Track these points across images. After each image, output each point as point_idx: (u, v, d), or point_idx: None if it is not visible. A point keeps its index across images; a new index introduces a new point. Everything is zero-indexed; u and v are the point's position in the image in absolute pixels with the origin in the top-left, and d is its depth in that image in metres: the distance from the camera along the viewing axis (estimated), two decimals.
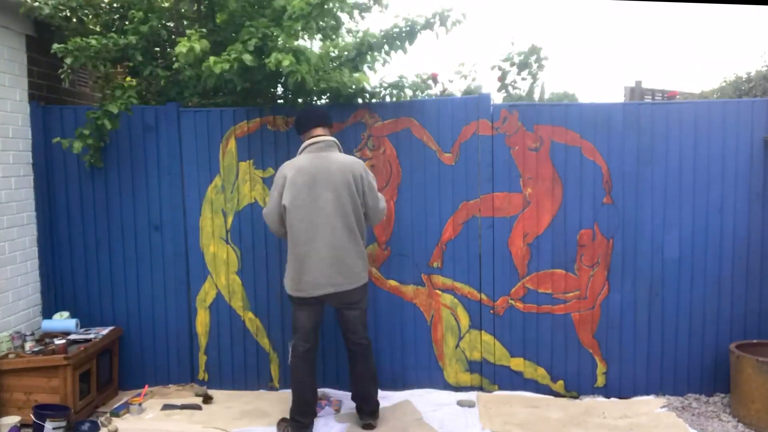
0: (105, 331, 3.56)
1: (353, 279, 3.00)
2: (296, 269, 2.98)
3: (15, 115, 3.48)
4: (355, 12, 3.46)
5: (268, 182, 3.63)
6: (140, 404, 3.41)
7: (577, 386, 3.61)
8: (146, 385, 3.64)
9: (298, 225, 2.95)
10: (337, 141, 3.12)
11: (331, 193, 2.93)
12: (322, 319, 3.17)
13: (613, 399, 3.57)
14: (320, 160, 2.98)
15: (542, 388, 3.62)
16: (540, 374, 3.62)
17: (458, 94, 3.88)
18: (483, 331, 3.62)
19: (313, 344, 3.12)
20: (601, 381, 3.61)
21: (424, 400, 3.51)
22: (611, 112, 3.52)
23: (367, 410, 3.19)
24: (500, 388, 3.63)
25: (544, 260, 3.57)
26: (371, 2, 3.46)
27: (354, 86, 3.37)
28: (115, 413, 3.35)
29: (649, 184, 3.52)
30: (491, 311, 3.61)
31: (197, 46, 3.07)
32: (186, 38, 3.12)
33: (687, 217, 3.52)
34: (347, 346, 3.18)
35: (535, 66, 3.81)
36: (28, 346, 3.30)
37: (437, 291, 3.62)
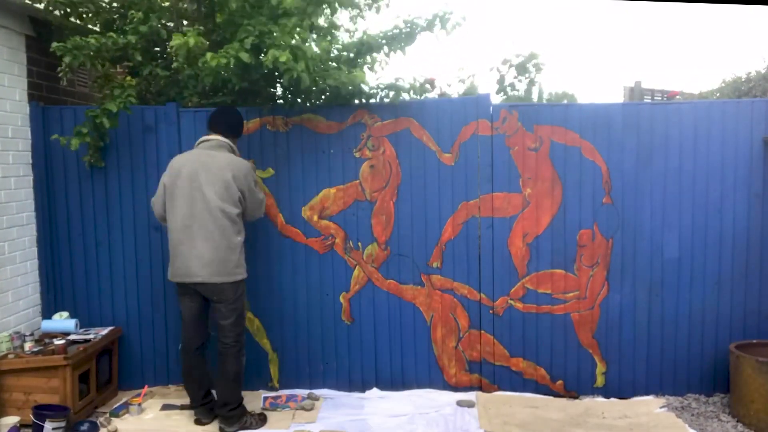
0: (104, 331, 3.56)
1: (224, 273, 3.01)
2: (172, 255, 3.09)
3: (14, 115, 3.48)
4: (353, 11, 3.45)
5: (267, 182, 3.63)
6: (140, 404, 3.41)
7: (577, 386, 3.61)
8: (146, 386, 3.64)
9: (175, 212, 3.04)
10: (232, 145, 3.19)
11: (210, 186, 3.00)
12: (204, 312, 3.15)
13: (612, 399, 3.57)
14: (206, 156, 3.07)
15: (542, 388, 3.62)
16: (539, 374, 3.63)
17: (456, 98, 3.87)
18: (482, 331, 3.62)
19: (193, 335, 3.14)
20: (600, 381, 3.61)
21: (424, 400, 3.51)
22: (611, 112, 3.52)
23: (220, 414, 3.15)
24: (500, 389, 3.63)
25: (543, 260, 3.57)
26: (368, 3, 3.45)
27: (352, 85, 3.36)
28: (115, 413, 3.35)
29: (649, 184, 3.52)
30: (491, 311, 3.61)
31: (191, 40, 3.06)
32: (181, 34, 3.12)
33: (686, 218, 3.52)
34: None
35: (533, 70, 3.81)
36: (27, 346, 3.30)
37: (437, 291, 3.62)
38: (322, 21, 3.64)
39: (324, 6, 3.23)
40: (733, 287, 3.54)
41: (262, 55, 3.13)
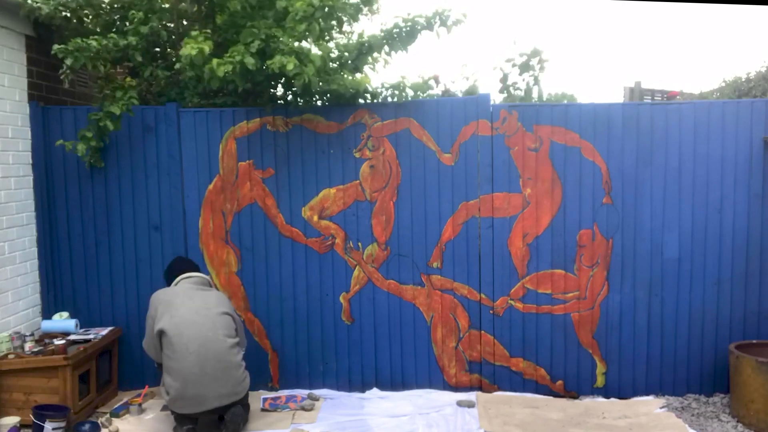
0: (104, 331, 3.56)
1: (241, 391, 3.04)
2: (177, 390, 2.91)
3: (14, 116, 3.48)
4: (353, 12, 3.45)
5: (267, 183, 3.63)
6: (140, 405, 3.41)
7: (577, 386, 3.61)
8: (146, 386, 3.64)
9: (178, 342, 2.94)
10: (210, 279, 3.34)
11: (213, 310, 3.04)
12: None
13: (612, 399, 3.57)
14: (196, 290, 3.14)
15: (542, 388, 3.62)
16: (539, 374, 3.63)
17: (460, 95, 3.88)
18: (483, 332, 3.62)
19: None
20: (600, 381, 3.61)
21: (424, 401, 3.51)
22: (611, 112, 3.52)
23: None
24: (500, 389, 3.63)
25: (543, 260, 3.57)
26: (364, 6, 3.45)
27: (355, 90, 3.37)
28: (115, 414, 3.35)
29: (649, 184, 3.52)
30: (491, 311, 3.61)
31: (206, 48, 3.07)
32: (192, 39, 3.11)
33: (686, 218, 3.52)
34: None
35: (537, 68, 3.81)
36: (27, 346, 3.30)
37: (437, 291, 3.62)
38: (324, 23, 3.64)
39: (331, 16, 3.22)
40: (732, 287, 3.54)
41: (267, 58, 3.13)
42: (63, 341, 3.25)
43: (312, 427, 3.20)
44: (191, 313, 3.00)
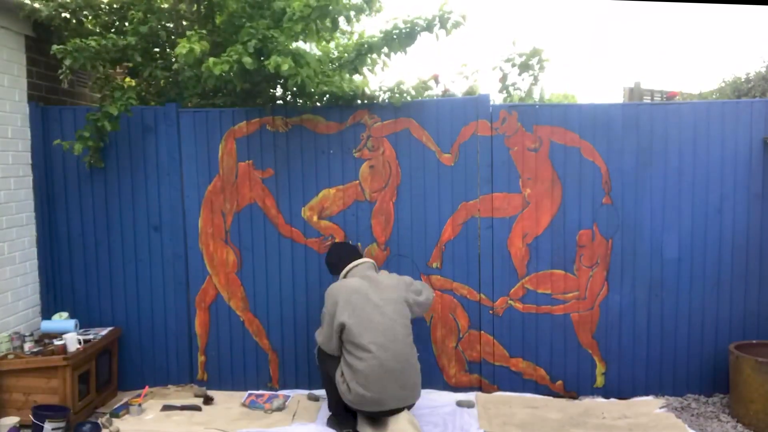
0: (104, 331, 3.56)
1: (417, 394, 3.06)
2: (358, 384, 2.91)
3: (14, 116, 3.48)
4: (351, 13, 3.45)
5: (267, 183, 3.63)
6: (140, 405, 3.41)
7: (577, 387, 3.61)
8: (146, 386, 3.64)
9: (359, 341, 2.92)
10: (374, 263, 3.24)
11: (390, 305, 3.02)
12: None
13: (612, 399, 3.57)
14: (368, 279, 3.08)
15: (541, 388, 3.62)
16: (539, 374, 3.63)
17: (460, 95, 3.88)
18: (482, 332, 3.62)
19: None
20: (600, 381, 3.61)
21: (424, 401, 3.51)
22: (610, 112, 3.52)
23: None
24: (499, 389, 3.63)
25: (543, 261, 3.57)
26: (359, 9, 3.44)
27: (353, 92, 3.37)
28: (115, 414, 3.35)
29: (648, 184, 3.52)
30: (490, 312, 3.61)
31: (197, 48, 3.07)
32: (186, 39, 3.11)
33: (686, 218, 3.52)
34: None
35: (537, 67, 3.81)
36: (27, 346, 3.30)
37: (436, 291, 3.62)
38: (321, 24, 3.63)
39: (328, 16, 3.22)
40: (732, 287, 3.54)
41: (264, 58, 3.13)
42: (62, 341, 3.25)
43: (311, 426, 3.20)
44: (370, 310, 2.97)
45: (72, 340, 3.27)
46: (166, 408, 3.43)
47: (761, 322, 3.54)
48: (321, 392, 3.63)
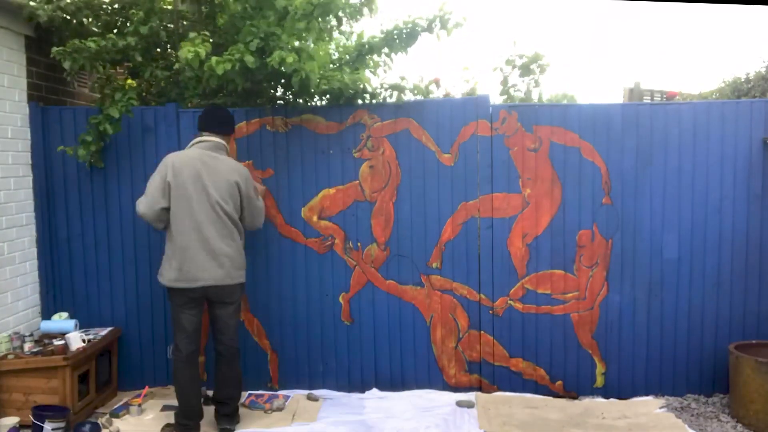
0: (104, 331, 3.56)
1: (233, 275, 3.02)
2: (178, 260, 2.96)
3: (14, 116, 3.48)
4: (352, 13, 3.45)
5: (267, 183, 3.63)
6: (140, 405, 3.41)
7: (576, 387, 3.61)
8: (146, 386, 3.64)
9: (180, 215, 2.95)
10: (226, 145, 3.15)
11: (216, 189, 2.96)
12: (201, 320, 3.10)
13: (612, 399, 3.57)
14: (208, 157, 3.02)
15: (541, 388, 3.62)
16: (539, 375, 3.63)
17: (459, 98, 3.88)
18: (482, 332, 3.62)
19: (195, 345, 3.09)
20: (600, 381, 3.61)
21: (423, 401, 3.51)
22: (610, 112, 3.52)
23: (225, 413, 3.17)
24: (499, 389, 3.63)
25: (543, 261, 3.57)
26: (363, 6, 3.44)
27: (354, 89, 3.37)
28: (115, 414, 3.35)
29: (648, 184, 3.52)
30: (490, 312, 3.61)
31: (202, 51, 3.07)
32: (190, 42, 3.11)
33: (686, 218, 3.53)
34: (216, 347, 3.15)
35: (537, 71, 3.82)
36: (27, 346, 3.30)
37: (436, 291, 3.62)
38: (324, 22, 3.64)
39: (330, 14, 3.22)
40: (732, 287, 3.54)
41: (266, 56, 3.13)
42: (62, 341, 3.25)
43: (312, 426, 3.20)
44: (196, 188, 2.95)
45: (75, 339, 3.28)
46: (166, 408, 3.43)
47: (761, 322, 3.55)
48: (321, 393, 3.64)
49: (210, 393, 3.59)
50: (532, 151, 3.54)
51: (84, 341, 3.33)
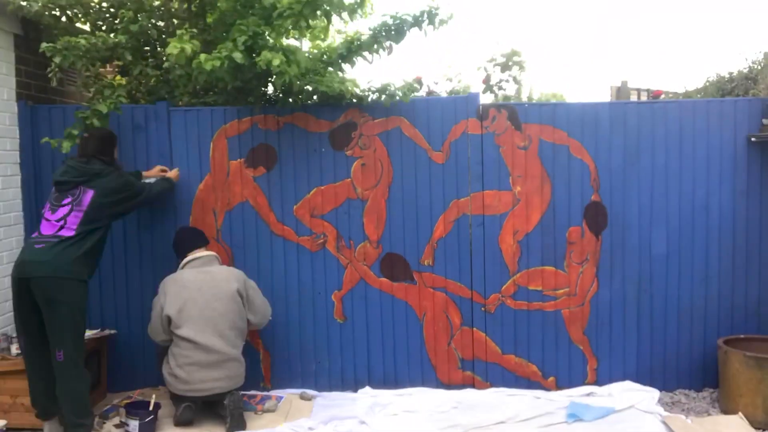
0: (93, 332, 3.51)
1: (238, 381, 3.23)
2: (181, 373, 3.11)
3: (2, 115, 3.45)
4: (344, 13, 3.47)
5: (259, 181, 3.63)
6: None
7: (568, 382, 3.63)
8: (138, 390, 3.60)
9: (184, 333, 3.11)
10: (217, 256, 3.38)
11: (218, 302, 3.15)
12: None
13: None
14: (204, 274, 3.22)
15: (534, 384, 3.63)
16: (531, 371, 3.64)
17: (444, 95, 3.92)
18: (475, 329, 3.63)
19: None
20: (591, 377, 3.63)
21: (416, 399, 3.50)
22: (598, 111, 3.58)
23: None
24: (492, 386, 3.63)
25: (534, 257, 3.60)
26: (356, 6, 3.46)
27: (342, 92, 3.38)
28: (105, 416, 3.30)
29: (636, 182, 3.57)
30: (482, 309, 3.63)
31: (188, 47, 3.07)
32: (177, 38, 3.11)
33: (673, 214, 3.58)
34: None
35: (515, 68, 3.87)
36: (14, 348, 3.24)
37: (429, 289, 3.63)
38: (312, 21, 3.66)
39: (318, 12, 3.24)
40: (720, 283, 3.59)
41: (255, 55, 3.14)
42: None
43: (304, 423, 3.18)
44: (198, 306, 3.14)
45: None
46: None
47: (749, 316, 3.60)
48: (313, 392, 3.62)
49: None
50: (522, 149, 3.58)
51: None
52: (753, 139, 3.52)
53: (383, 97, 3.48)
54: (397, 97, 3.51)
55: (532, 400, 3.44)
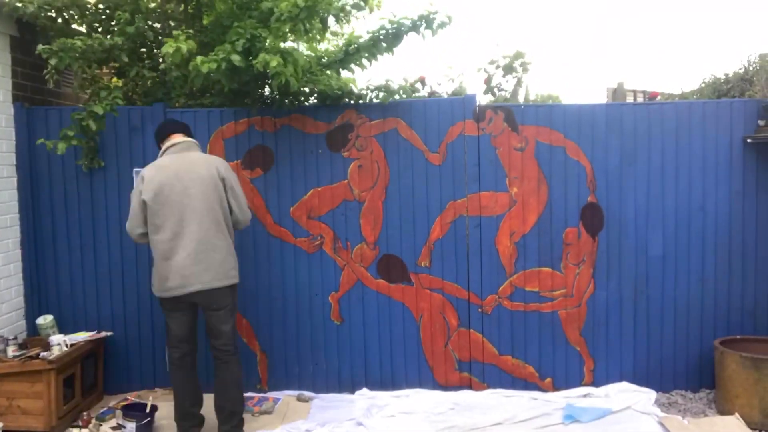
0: (89, 334, 3.50)
1: (222, 277, 2.91)
2: (162, 268, 2.89)
3: None
4: (341, 15, 3.47)
5: (256, 183, 3.63)
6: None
7: (565, 383, 3.63)
8: (135, 393, 3.59)
9: (162, 226, 2.86)
10: (197, 142, 3.10)
11: (195, 188, 2.87)
12: (196, 323, 3.05)
13: None
14: (182, 159, 2.95)
15: (531, 386, 3.64)
16: (528, 372, 3.64)
17: (446, 96, 3.92)
18: (471, 330, 3.63)
19: (188, 350, 3.02)
20: (588, 378, 3.64)
21: (413, 401, 3.50)
22: (595, 112, 3.58)
23: (222, 419, 3.00)
24: (489, 387, 3.64)
25: (530, 259, 3.60)
26: (356, 6, 3.46)
27: (341, 90, 3.39)
28: (101, 418, 3.30)
29: (633, 183, 3.58)
30: (479, 310, 3.63)
31: (184, 47, 3.07)
32: (172, 39, 3.11)
33: (670, 215, 3.58)
34: (211, 351, 3.03)
35: (520, 70, 3.87)
36: (10, 350, 3.23)
37: (426, 290, 3.63)
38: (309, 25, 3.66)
39: (316, 16, 3.24)
40: (716, 283, 3.59)
41: (252, 58, 3.14)
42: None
43: (302, 425, 3.18)
44: (175, 191, 2.86)
45: (57, 342, 3.23)
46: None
47: (745, 317, 3.61)
48: (310, 393, 3.62)
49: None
50: (519, 151, 3.58)
51: (67, 345, 3.28)
52: (749, 140, 3.53)
53: (382, 94, 3.48)
54: (396, 96, 3.51)
55: (528, 401, 3.45)
